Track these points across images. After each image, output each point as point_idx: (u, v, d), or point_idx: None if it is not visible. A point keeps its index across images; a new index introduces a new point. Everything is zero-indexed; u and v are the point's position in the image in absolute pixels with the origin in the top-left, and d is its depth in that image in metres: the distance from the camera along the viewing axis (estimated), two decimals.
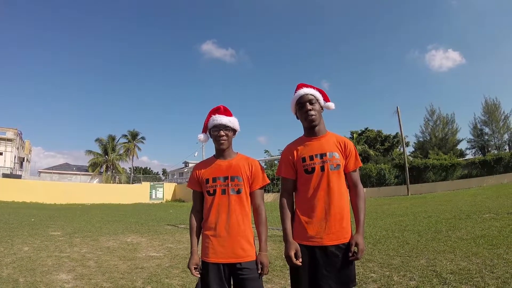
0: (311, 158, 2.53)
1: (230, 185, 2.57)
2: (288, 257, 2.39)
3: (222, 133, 2.64)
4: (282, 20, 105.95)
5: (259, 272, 2.49)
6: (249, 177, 2.63)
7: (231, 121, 2.69)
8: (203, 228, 2.66)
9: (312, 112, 2.56)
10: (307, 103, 2.57)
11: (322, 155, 2.52)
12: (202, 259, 2.56)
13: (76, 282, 5.32)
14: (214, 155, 2.77)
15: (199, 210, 2.73)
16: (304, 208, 2.51)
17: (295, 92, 2.68)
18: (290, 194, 2.64)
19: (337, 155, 2.53)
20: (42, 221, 13.98)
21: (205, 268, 2.52)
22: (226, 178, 2.59)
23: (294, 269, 2.46)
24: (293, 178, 2.61)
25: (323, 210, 2.44)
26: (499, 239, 7.00)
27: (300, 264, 2.37)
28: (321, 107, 2.67)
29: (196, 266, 2.53)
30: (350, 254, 2.37)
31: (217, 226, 2.53)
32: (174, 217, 17.12)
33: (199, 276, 2.54)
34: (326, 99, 2.72)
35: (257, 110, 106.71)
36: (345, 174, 2.58)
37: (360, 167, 2.64)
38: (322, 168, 2.49)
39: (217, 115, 2.69)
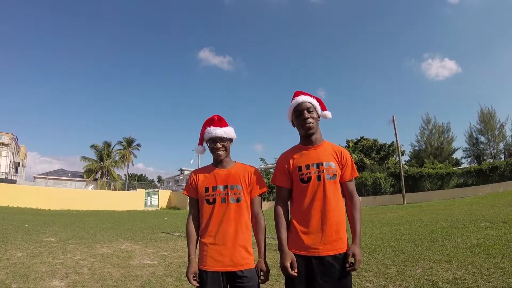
0: (307, 167, 2.50)
1: (229, 194, 2.57)
2: (283, 268, 2.35)
3: (218, 145, 2.65)
4: (279, 28, 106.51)
5: (260, 279, 2.49)
6: (248, 185, 2.63)
7: (226, 132, 2.68)
8: (200, 236, 2.64)
9: (310, 120, 2.53)
10: (305, 111, 2.55)
11: (319, 165, 2.49)
12: (199, 267, 2.54)
13: None
14: (212, 163, 2.75)
15: (196, 217, 2.70)
16: (300, 218, 2.48)
17: (292, 100, 2.65)
18: (285, 203, 2.60)
19: (333, 164, 2.50)
20: (36, 227, 13.91)
21: (203, 276, 2.50)
22: (225, 187, 2.59)
23: (289, 279, 2.42)
24: (288, 187, 2.57)
25: (320, 220, 2.41)
26: (495, 248, 6.98)
27: (296, 274, 2.32)
28: (318, 116, 2.64)
29: (194, 275, 2.51)
30: (347, 265, 2.34)
31: (217, 235, 2.53)
32: (169, 225, 17.05)
33: (197, 285, 2.52)
34: (323, 108, 2.71)
35: (254, 118, 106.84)
36: (340, 184, 2.56)
37: (356, 177, 2.62)
38: (319, 178, 2.46)
39: (212, 127, 2.68)
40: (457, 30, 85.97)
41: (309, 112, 2.55)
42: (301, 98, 2.60)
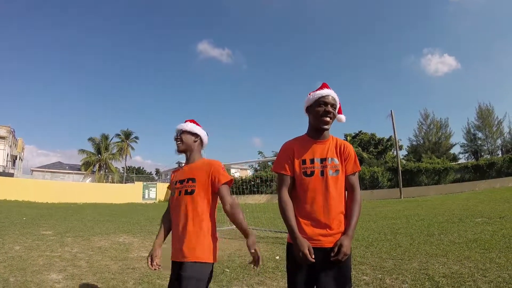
0: (312, 161, 2.50)
1: (185, 187, 2.80)
2: (303, 255, 2.29)
3: (176, 137, 2.97)
4: (279, 22, 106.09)
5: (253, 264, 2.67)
6: (207, 178, 2.78)
7: (185, 126, 2.98)
8: None
9: (331, 116, 2.53)
10: (329, 105, 2.53)
11: (323, 160, 2.49)
12: None
13: (67, 282, 5.28)
14: None
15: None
16: (302, 211, 2.47)
17: (319, 89, 2.62)
18: (289, 191, 2.55)
19: (336, 160, 2.51)
20: (33, 220, 13.88)
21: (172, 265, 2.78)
22: (183, 181, 2.84)
23: (292, 270, 2.44)
24: (292, 175, 2.54)
25: (322, 213, 2.42)
26: (491, 243, 7.03)
27: (314, 260, 2.30)
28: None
29: (151, 256, 2.85)
30: (332, 254, 2.32)
31: (174, 225, 2.81)
32: None
33: (151, 267, 2.81)
34: (339, 111, 2.70)
35: (253, 111, 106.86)
36: None
37: (358, 171, 2.61)
38: (322, 173, 2.46)
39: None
40: (458, 27, 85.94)
41: (333, 108, 2.55)
42: (331, 92, 2.59)
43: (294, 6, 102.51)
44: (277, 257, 6.83)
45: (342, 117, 2.70)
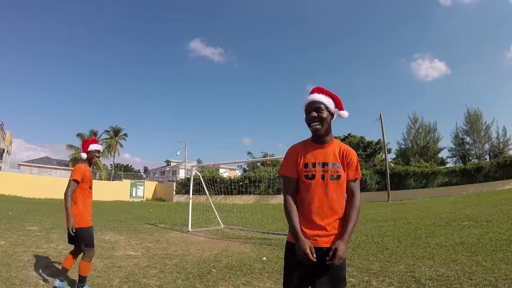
0: (314, 165, 2.52)
1: None
2: (304, 255, 2.31)
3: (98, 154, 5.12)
4: (271, 21, 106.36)
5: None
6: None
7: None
8: None
9: (317, 120, 2.51)
10: (313, 112, 2.52)
11: (324, 165, 2.51)
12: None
13: (51, 279, 5.22)
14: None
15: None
16: (300, 211, 2.50)
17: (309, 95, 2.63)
18: (294, 193, 2.58)
19: (338, 165, 2.52)
20: (20, 215, 13.72)
21: None
22: None
23: (288, 268, 2.49)
24: (296, 178, 2.57)
25: (319, 216, 2.45)
26: (477, 246, 7.07)
27: (316, 260, 2.31)
28: (331, 115, 2.61)
29: None
30: (327, 258, 2.34)
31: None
32: (154, 216, 16.98)
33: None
34: (339, 107, 2.69)
35: (243, 111, 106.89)
36: None
37: (359, 178, 2.63)
38: (323, 177, 2.48)
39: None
40: (448, 32, 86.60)
41: (317, 111, 2.53)
42: (312, 97, 2.58)
43: (286, 6, 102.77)
44: (264, 258, 6.80)
45: (343, 113, 2.70)
